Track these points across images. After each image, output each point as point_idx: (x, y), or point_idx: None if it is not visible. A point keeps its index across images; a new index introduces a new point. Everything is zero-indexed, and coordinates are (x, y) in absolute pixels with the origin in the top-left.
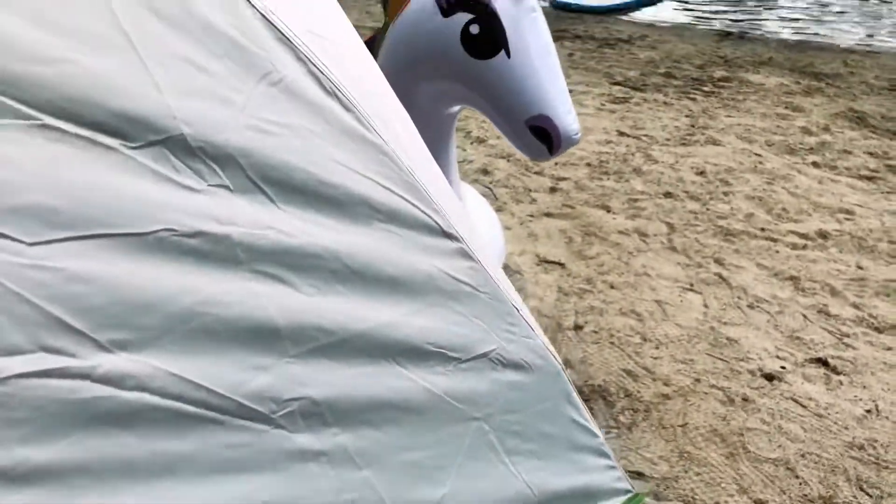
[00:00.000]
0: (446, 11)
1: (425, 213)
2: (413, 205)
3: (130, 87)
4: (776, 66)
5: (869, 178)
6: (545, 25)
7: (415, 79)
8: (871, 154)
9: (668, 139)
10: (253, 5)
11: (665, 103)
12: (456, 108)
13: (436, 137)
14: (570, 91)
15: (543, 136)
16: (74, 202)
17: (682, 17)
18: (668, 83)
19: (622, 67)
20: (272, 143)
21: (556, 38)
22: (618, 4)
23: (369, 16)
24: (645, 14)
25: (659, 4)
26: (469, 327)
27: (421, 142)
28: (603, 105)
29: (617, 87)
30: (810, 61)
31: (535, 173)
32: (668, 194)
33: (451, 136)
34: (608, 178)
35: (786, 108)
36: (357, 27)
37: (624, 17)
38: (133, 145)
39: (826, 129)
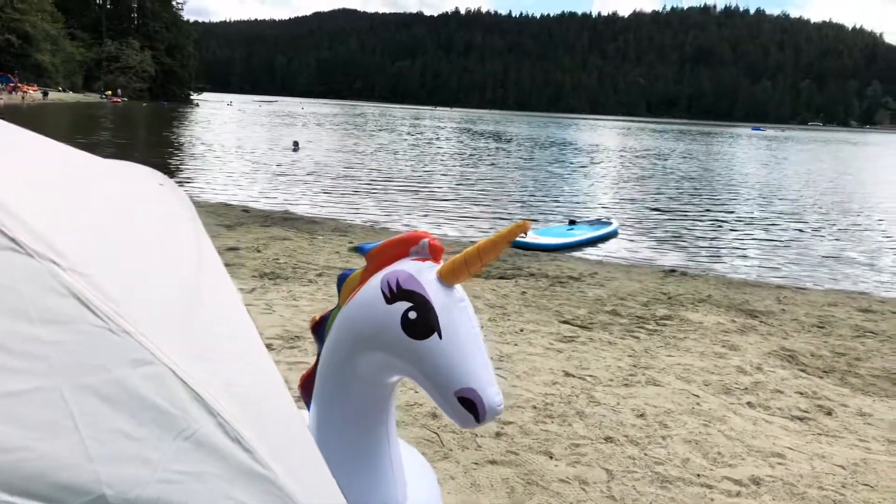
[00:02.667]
0: (390, 300)
1: None
2: None
3: (69, 462)
4: (714, 303)
5: (800, 419)
6: (472, 311)
7: (359, 352)
8: (801, 394)
9: (611, 380)
10: (178, 376)
11: (610, 343)
12: (395, 378)
13: (376, 404)
14: (522, 330)
15: (470, 407)
16: None
17: (630, 254)
18: (614, 321)
19: (572, 305)
20: (177, 491)
21: (511, 276)
22: (570, 242)
23: (338, 255)
24: (596, 251)
25: (609, 242)
26: None
27: (316, 456)
28: (551, 344)
29: (566, 326)
30: (746, 298)
31: None
32: (608, 439)
33: (390, 401)
34: (552, 422)
35: (723, 346)
36: (327, 267)
37: (576, 254)
38: None
39: (759, 368)
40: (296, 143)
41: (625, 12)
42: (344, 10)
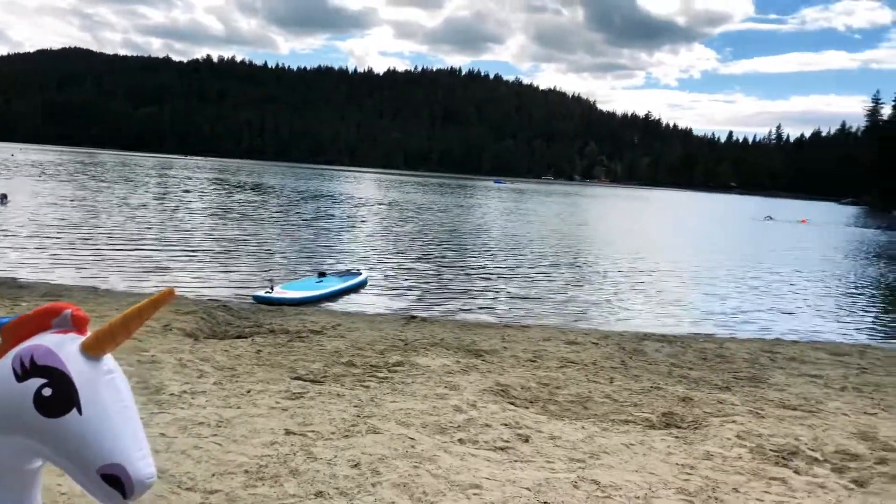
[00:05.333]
0: (21, 377)
1: None
2: None
3: None
4: (445, 346)
5: (502, 449)
6: (123, 382)
7: None
8: (506, 425)
9: (333, 433)
10: None
11: (338, 395)
12: (35, 463)
13: (12, 494)
14: (249, 391)
15: (116, 483)
16: None
17: (378, 304)
18: (347, 372)
19: (308, 360)
20: None
21: (249, 335)
22: (319, 295)
23: None
24: (344, 302)
25: (359, 292)
26: None
27: None
28: (278, 403)
29: (297, 382)
30: (474, 339)
31: (188, 489)
32: (319, 494)
33: (32, 491)
34: (263, 485)
35: (445, 387)
36: None
37: (324, 307)
38: None
39: (474, 405)
40: (3, 196)
41: (379, 70)
42: (77, 49)
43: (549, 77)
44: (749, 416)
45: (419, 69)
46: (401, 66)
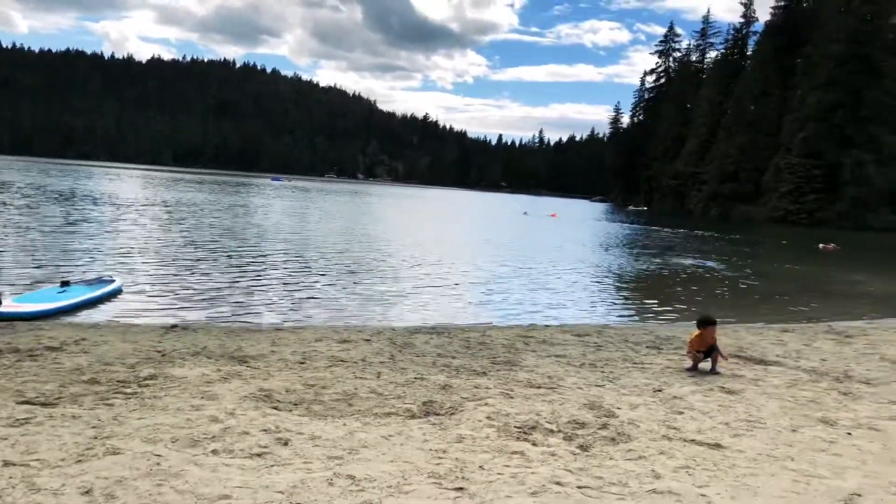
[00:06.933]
0: None
1: None
2: None
3: None
4: (207, 354)
5: (259, 456)
6: None
7: None
8: (265, 431)
9: (63, 459)
10: None
11: (73, 417)
12: None
13: None
14: None
15: None
16: None
17: (135, 313)
18: (88, 391)
19: (39, 381)
20: None
21: None
22: (61, 307)
23: None
24: (94, 313)
25: (112, 302)
26: None
27: None
28: None
29: (23, 407)
30: (240, 345)
31: None
32: None
33: None
34: None
35: (202, 398)
36: None
37: (66, 320)
38: None
39: (232, 413)
40: None
41: (142, 57)
42: None
43: (329, 75)
44: (500, 397)
45: (188, 59)
46: (167, 55)
